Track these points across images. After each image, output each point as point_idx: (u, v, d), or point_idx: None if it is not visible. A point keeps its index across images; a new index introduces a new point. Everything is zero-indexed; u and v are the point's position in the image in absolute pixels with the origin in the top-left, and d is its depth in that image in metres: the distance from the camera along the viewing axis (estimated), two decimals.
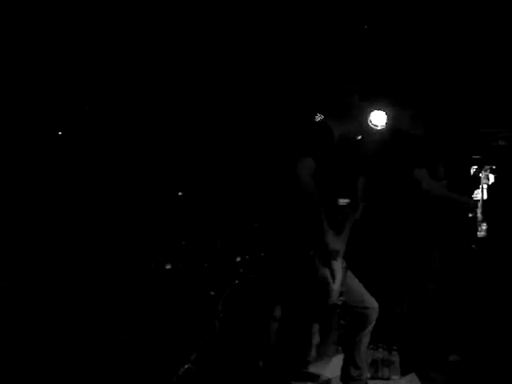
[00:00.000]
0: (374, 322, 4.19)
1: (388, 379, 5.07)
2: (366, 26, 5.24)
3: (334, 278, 3.93)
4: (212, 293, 5.09)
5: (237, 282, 5.11)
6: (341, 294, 3.95)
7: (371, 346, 5.01)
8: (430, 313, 5.23)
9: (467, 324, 5.34)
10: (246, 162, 5.84)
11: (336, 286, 3.92)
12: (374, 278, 4.69)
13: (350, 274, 4.16)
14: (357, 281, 4.20)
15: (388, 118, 5.28)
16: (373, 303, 4.14)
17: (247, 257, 5.38)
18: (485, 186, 5.68)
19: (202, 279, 5.31)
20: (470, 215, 5.35)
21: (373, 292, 4.23)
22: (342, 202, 4.10)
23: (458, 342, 5.31)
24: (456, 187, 5.38)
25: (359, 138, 4.16)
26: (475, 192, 5.67)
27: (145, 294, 5.41)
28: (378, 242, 5.42)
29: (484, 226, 5.41)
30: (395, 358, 5.10)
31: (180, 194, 5.83)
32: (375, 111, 5.35)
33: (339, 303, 3.93)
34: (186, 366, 4.64)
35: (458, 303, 5.42)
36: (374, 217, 5.04)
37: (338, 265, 4.00)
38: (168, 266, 5.46)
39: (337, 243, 3.93)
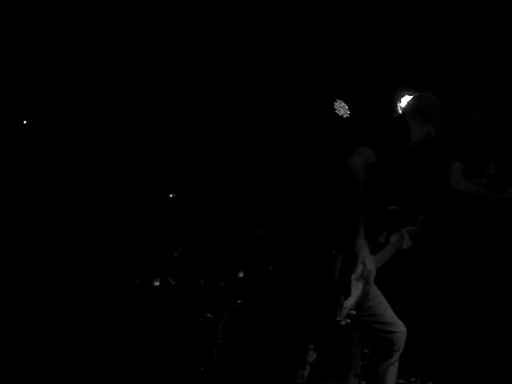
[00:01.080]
0: (401, 350, 3.88)
1: None
2: None
3: (347, 294, 3.61)
4: (209, 315, 4.77)
5: (239, 302, 4.67)
6: (349, 315, 3.65)
7: (401, 382, 4.75)
8: (471, 338, 4.74)
9: None
10: (250, 160, 5.46)
11: (347, 303, 3.62)
12: (401, 296, 4.47)
13: (375, 288, 3.86)
14: (383, 298, 3.92)
15: None
16: (400, 326, 3.85)
17: (252, 272, 4.97)
18: None
19: (197, 299, 4.92)
20: None
21: (400, 314, 3.93)
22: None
23: (506, 372, 4.81)
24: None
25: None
26: None
27: (128, 318, 4.96)
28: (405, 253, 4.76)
29: None
30: None
31: (171, 195, 5.24)
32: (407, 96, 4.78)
33: (343, 323, 3.61)
34: None
35: (505, 327, 4.91)
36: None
37: (359, 283, 3.67)
38: (156, 283, 5.01)
39: (368, 253, 3.53)
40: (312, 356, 3.92)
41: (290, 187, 4.36)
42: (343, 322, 3.60)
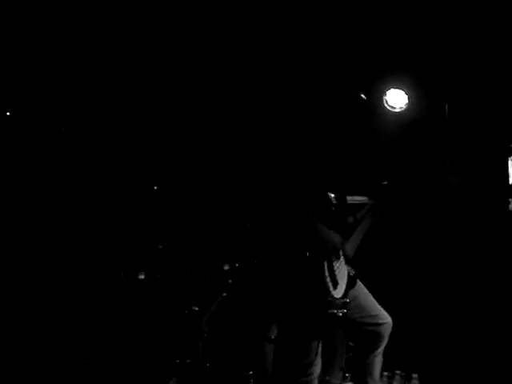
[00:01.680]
0: (386, 340, 3.85)
1: None
2: None
3: (335, 283, 3.57)
4: (195, 308, 4.71)
5: (225, 295, 4.62)
6: (343, 304, 3.56)
7: (386, 374, 4.63)
8: (457, 332, 4.84)
9: (504, 345, 4.84)
10: (235, 153, 5.26)
11: (337, 294, 3.57)
12: (386, 288, 4.44)
13: (359, 284, 3.83)
14: (367, 292, 3.88)
15: (408, 99, 4.69)
16: (386, 317, 3.83)
17: (237, 264, 4.85)
18: None
19: (182, 292, 4.87)
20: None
21: (385, 306, 3.90)
22: (354, 199, 3.91)
23: (491, 366, 4.79)
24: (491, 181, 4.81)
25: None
26: None
27: (113, 310, 4.89)
28: (391, 246, 5.06)
29: None
30: None
31: (156, 187, 5.18)
32: (392, 90, 4.68)
33: (340, 315, 3.53)
34: None
35: (491, 320, 4.91)
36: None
37: (344, 271, 3.69)
38: (141, 276, 4.95)
39: (336, 236, 3.61)
40: (317, 355, 3.78)
41: (273, 182, 4.30)
42: (340, 313, 3.54)
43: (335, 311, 3.54)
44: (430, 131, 4.76)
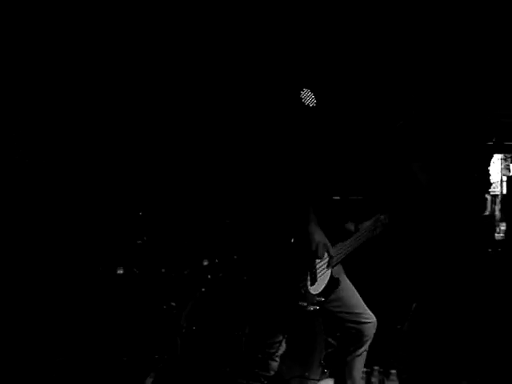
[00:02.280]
0: (370, 340, 3.88)
1: None
2: None
3: (313, 279, 3.56)
4: (173, 304, 4.65)
5: (204, 290, 4.55)
6: (317, 302, 3.56)
7: (365, 370, 4.66)
8: (437, 330, 4.79)
9: (482, 344, 4.83)
10: (214, 147, 5.26)
11: (314, 290, 3.56)
12: (371, 287, 4.33)
13: (346, 280, 3.85)
14: (353, 289, 3.89)
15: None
16: (370, 317, 3.83)
17: (217, 260, 4.83)
18: (504, 179, 5.04)
19: (161, 287, 4.79)
20: (487, 213, 4.60)
21: (370, 304, 3.91)
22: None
23: (469, 365, 4.81)
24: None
25: None
26: (493, 186, 4.87)
27: (91, 305, 4.79)
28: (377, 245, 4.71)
29: (503, 227, 4.81)
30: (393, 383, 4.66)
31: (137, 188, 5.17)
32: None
33: (310, 309, 3.52)
34: None
35: (470, 318, 4.88)
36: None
37: (325, 268, 3.66)
38: (120, 271, 4.84)
39: (322, 237, 3.59)
40: (281, 347, 3.85)
41: (253, 176, 4.26)
42: (310, 308, 3.52)
43: (305, 304, 3.51)
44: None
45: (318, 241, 3.54)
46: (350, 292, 3.86)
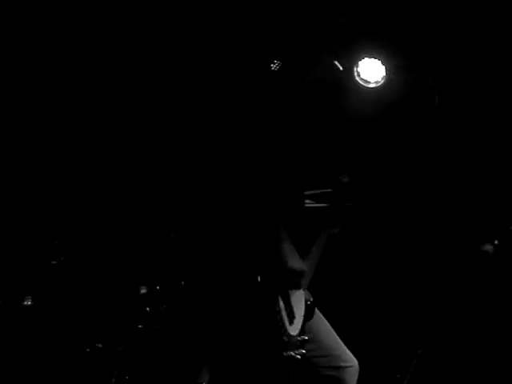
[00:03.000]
0: None
1: None
2: None
3: (291, 316, 3.30)
4: (99, 345, 4.00)
5: (140, 327, 4.00)
6: (301, 343, 3.28)
7: None
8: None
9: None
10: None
11: (294, 330, 3.29)
12: (357, 322, 4.40)
13: (318, 314, 3.57)
14: (328, 327, 3.60)
15: (387, 72, 3.99)
16: (351, 360, 3.55)
17: (158, 287, 4.19)
18: None
19: (83, 323, 4.10)
20: None
21: (356, 346, 3.62)
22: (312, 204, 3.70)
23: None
24: None
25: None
26: None
27: None
28: (363, 264, 4.71)
29: None
30: None
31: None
32: (367, 59, 3.98)
33: (298, 357, 3.23)
34: None
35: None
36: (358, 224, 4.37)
37: (300, 299, 3.41)
38: (28, 302, 4.16)
39: (299, 263, 3.37)
40: None
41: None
42: (298, 355, 3.19)
43: (292, 353, 3.20)
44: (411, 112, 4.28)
45: (293, 268, 3.30)
46: (324, 327, 3.57)
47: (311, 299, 3.47)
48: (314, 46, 3.87)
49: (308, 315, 3.43)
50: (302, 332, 3.33)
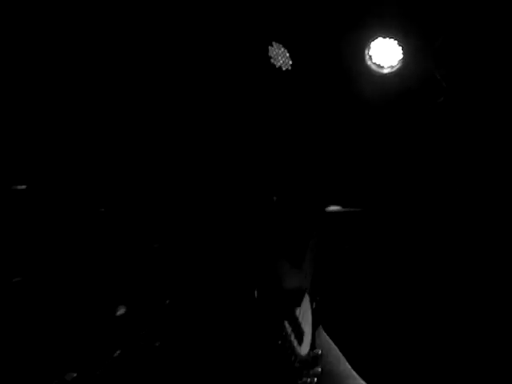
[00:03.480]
0: None
1: None
2: None
3: (299, 333, 3.08)
4: (74, 375, 3.36)
5: (118, 353, 3.39)
6: (315, 359, 3.06)
7: None
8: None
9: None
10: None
11: (305, 347, 3.09)
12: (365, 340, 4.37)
13: (326, 338, 3.42)
14: (339, 353, 3.44)
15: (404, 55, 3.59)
16: None
17: (139, 306, 3.57)
18: None
19: (50, 350, 3.47)
20: None
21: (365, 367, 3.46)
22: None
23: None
24: None
25: None
26: None
27: None
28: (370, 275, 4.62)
29: None
30: None
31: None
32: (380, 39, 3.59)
33: (314, 381, 2.96)
34: None
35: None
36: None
37: (305, 306, 3.24)
38: None
39: (295, 278, 3.24)
40: None
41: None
42: (314, 380, 2.92)
43: (308, 380, 2.94)
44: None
45: (293, 288, 3.19)
46: (334, 356, 3.41)
47: (315, 303, 3.33)
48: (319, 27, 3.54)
49: (316, 320, 3.28)
50: (313, 345, 3.14)
